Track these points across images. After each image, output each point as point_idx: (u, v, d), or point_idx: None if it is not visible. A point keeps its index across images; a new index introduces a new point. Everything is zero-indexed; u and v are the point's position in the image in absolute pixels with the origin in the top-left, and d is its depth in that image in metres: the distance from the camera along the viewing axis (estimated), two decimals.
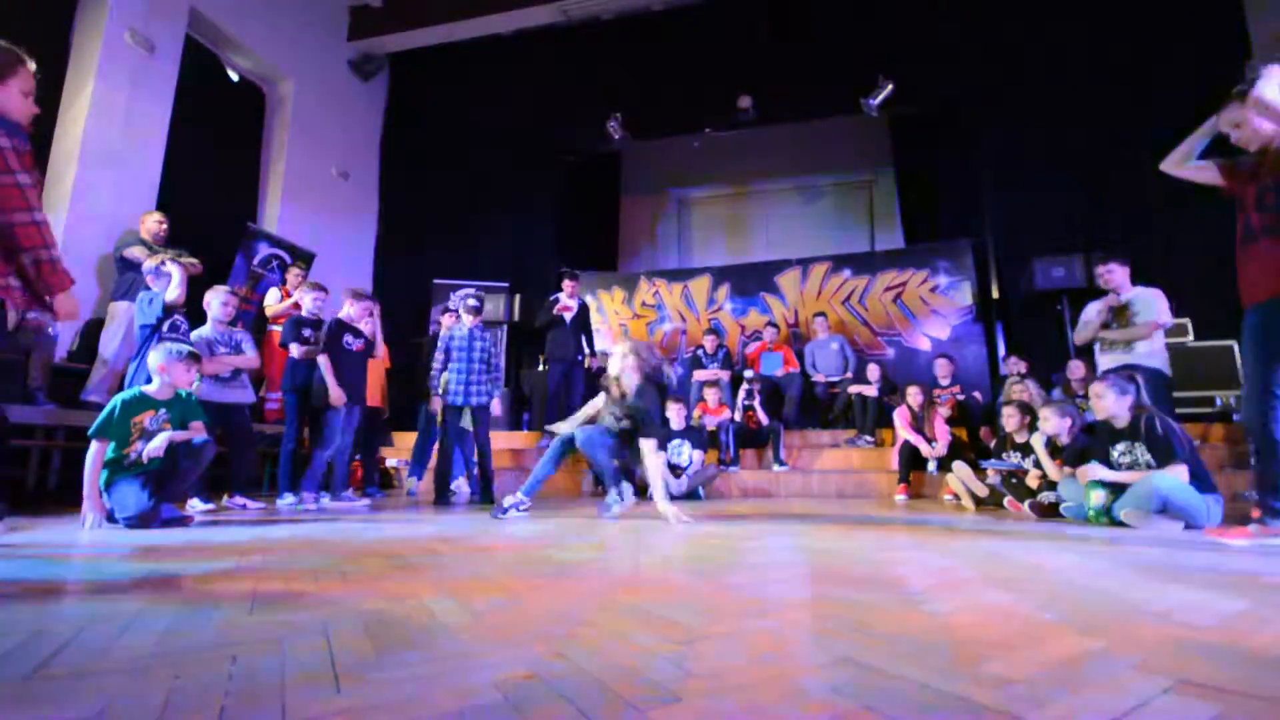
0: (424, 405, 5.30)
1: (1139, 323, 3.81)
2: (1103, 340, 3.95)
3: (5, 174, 1.85)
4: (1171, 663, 0.91)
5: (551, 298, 6.43)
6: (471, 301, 4.62)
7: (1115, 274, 3.94)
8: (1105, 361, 3.89)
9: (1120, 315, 3.88)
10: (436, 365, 4.46)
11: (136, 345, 3.52)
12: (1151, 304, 3.82)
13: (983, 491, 3.96)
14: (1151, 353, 3.78)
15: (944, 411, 5.26)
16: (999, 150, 7.29)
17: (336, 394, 4.04)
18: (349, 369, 4.18)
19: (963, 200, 7.82)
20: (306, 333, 4.30)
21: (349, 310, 4.31)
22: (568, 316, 6.16)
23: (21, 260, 1.89)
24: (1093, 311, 4.01)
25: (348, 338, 4.23)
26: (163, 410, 2.97)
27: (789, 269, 8.14)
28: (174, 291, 3.54)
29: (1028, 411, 3.95)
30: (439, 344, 4.49)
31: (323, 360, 4.08)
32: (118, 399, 2.88)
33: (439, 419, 4.60)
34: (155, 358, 3.02)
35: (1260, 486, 2.19)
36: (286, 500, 4.03)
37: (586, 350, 6.22)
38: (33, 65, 2.01)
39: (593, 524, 3.04)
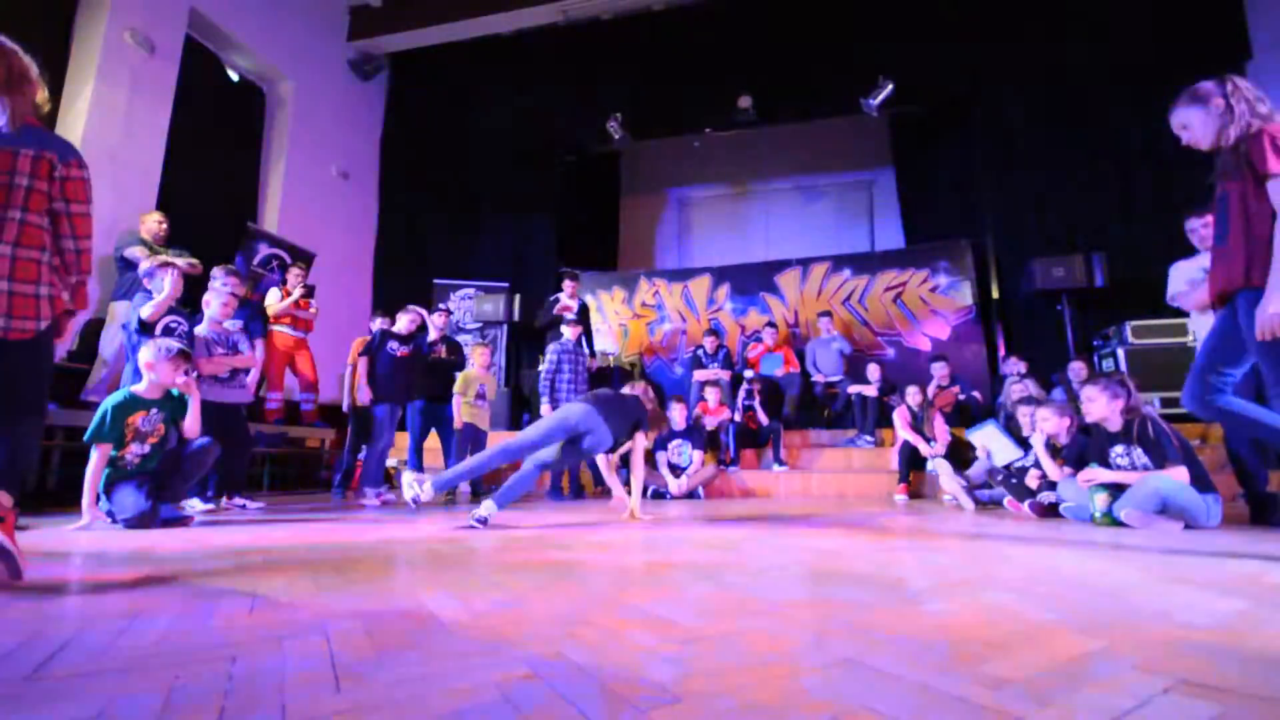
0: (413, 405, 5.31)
1: None
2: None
3: (85, 204, 1.84)
4: (1171, 663, 0.91)
5: (552, 298, 6.43)
6: (570, 316, 5.41)
7: (1198, 233, 3.24)
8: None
9: None
10: (552, 375, 5.01)
11: (129, 346, 3.49)
12: None
13: (968, 503, 3.98)
14: None
15: (941, 400, 5.29)
16: (999, 150, 7.30)
17: (364, 393, 4.55)
18: (392, 372, 4.64)
19: (963, 200, 7.83)
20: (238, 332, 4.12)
21: (401, 322, 4.84)
22: (568, 317, 6.16)
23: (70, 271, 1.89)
24: (1196, 269, 3.23)
25: (391, 344, 4.69)
26: (155, 410, 2.96)
27: (789, 269, 8.15)
28: (148, 310, 3.36)
29: (1066, 413, 3.90)
30: (552, 356, 5.08)
31: (361, 364, 4.61)
32: (108, 402, 2.86)
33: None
34: (144, 355, 2.99)
35: None
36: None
37: (586, 351, 6.23)
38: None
39: (592, 524, 3.04)
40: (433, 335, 5.39)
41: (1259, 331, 1.83)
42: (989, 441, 4.06)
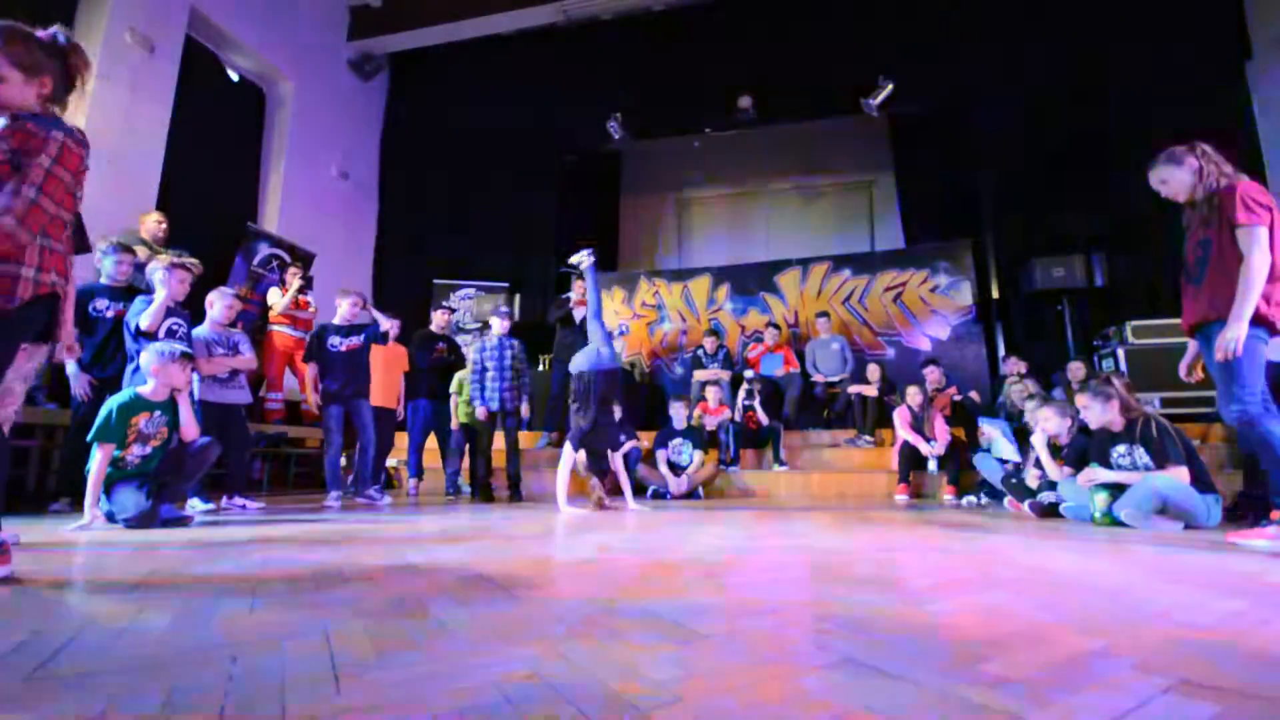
0: (417, 404, 5.34)
1: None
2: None
3: None
4: (1171, 663, 0.91)
5: (564, 296, 6.46)
6: (504, 308, 4.94)
7: None
8: None
9: None
10: (479, 375, 4.63)
11: (130, 348, 3.43)
12: None
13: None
14: None
15: (937, 403, 5.30)
16: (999, 150, 7.30)
17: (312, 399, 4.26)
18: (341, 370, 4.23)
19: (963, 200, 7.83)
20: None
21: (342, 312, 4.37)
22: (578, 315, 6.16)
23: None
24: None
25: (332, 340, 4.27)
26: (158, 412, 2.96)
27: (789, 269, 8.14)
28: (146, 319, 3.30)
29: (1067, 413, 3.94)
30: (475, 356, 4.68)
31: (310, 370, 4.29)
32: (113, 402, 2.86)
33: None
34: (147, 360, 2.97)
35: (1275, 489, 2.25)
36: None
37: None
38: None
39: (593, 524, 3.04)
40: (436, 330, 5.42)
41: (1218, 353, 2.17)
42: (994, 434, 4.14)
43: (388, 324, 4.58)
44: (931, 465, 4.84)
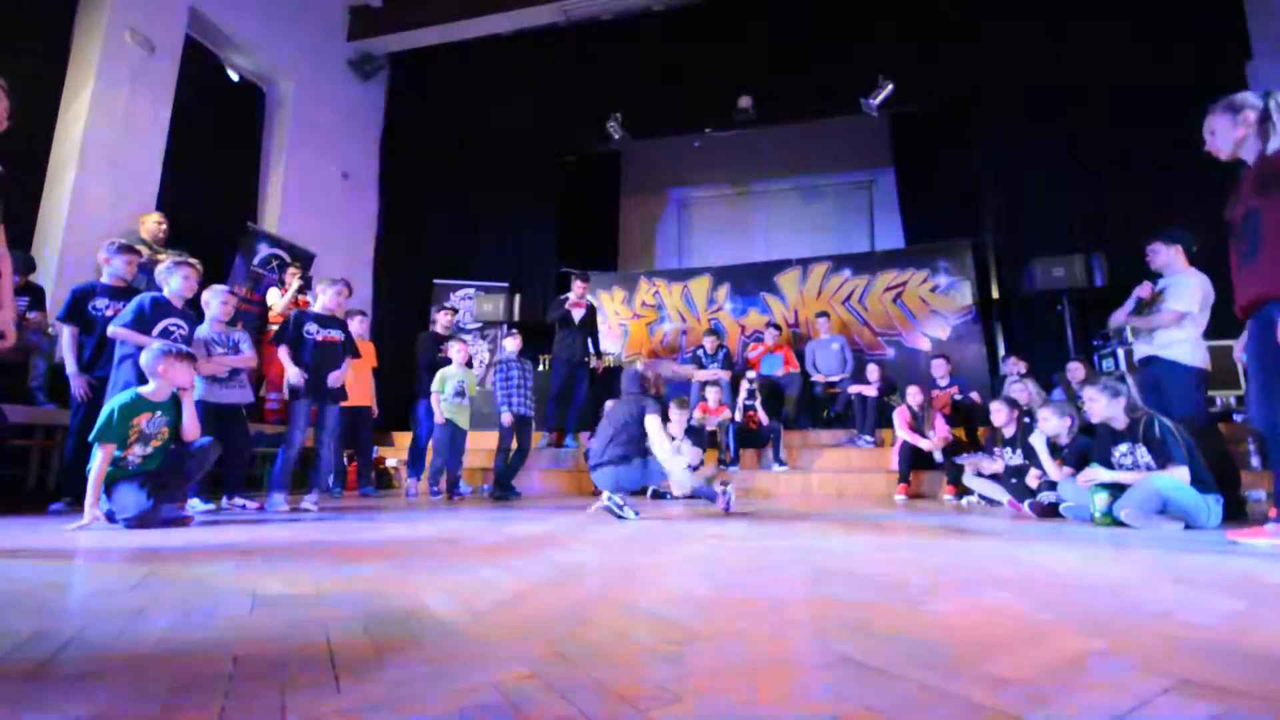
0: (419, 404, 5.35)
1: (1162, 309, 3.40)
2: (1132, 328, 3.65)
3: None
4: (1171, 663, 0.91)
5: (562, 296, 6.47)
6: (513, 330, 5.46)
7: (1160, 254, 3.54)
8: (1137, 350, 3.59)
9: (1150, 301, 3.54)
10: (506, 386, 4.99)
11: (118, 350, 3.41)
12: (1181, 289, 3.37)
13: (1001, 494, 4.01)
14: (1171, 343, 3.35)
15: (938, 402, 5.30)
16: (999, 150, 7.30)
17: (293, 372, 3.73)
18: (309, 362, 3.84)
19: (963, 200, 7.83)
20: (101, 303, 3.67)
21: (323, 300, 4.08)
22: (577, 315, 6.17)
23: None
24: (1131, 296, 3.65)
25: (309, 327, 3.90)
26: (160, 412, 2.95)
27: (789, 269, 8.15)
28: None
29: (1015, 406, 4.01)
30: (498, 370, 5.07)
31: (281, 353, 3.79)
32: (114, 402, 2.85)
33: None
34: (149, 360, 2.94)
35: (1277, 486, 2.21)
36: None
37: (592, 351, 6.24)
38: None
39: (593, 524, 3.04)
40: (440, 331, 5.49)
41: None
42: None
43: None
44: (938, 456, 4.81)
